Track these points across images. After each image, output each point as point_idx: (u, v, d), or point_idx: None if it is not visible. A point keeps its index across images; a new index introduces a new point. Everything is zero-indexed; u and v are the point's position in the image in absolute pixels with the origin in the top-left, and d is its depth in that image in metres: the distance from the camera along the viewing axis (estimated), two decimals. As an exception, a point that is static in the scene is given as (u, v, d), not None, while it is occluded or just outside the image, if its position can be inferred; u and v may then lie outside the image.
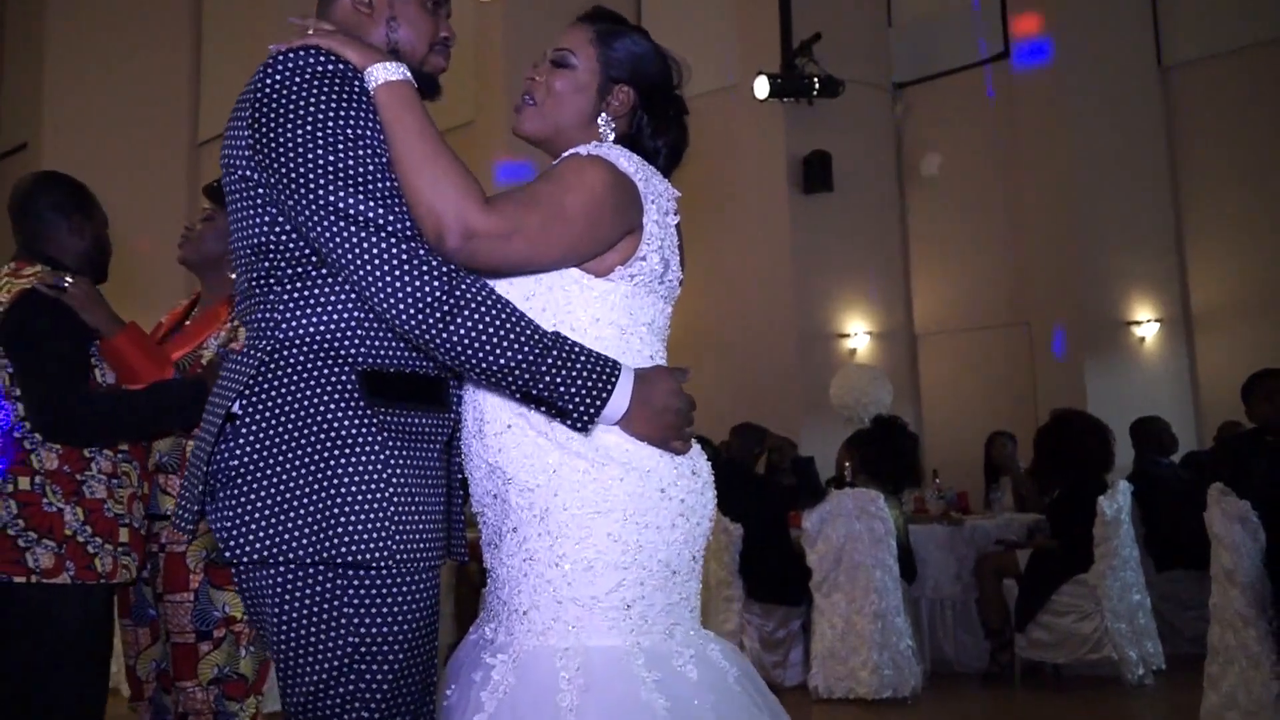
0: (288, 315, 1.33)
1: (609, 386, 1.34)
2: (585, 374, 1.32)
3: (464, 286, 1.27)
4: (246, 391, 1.31)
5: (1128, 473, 5.48)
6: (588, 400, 1.33)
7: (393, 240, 1.26)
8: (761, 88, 7.57)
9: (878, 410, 6.01)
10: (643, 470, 1.40)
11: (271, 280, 1.35)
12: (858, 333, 8.30)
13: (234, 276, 2.36)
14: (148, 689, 2.32)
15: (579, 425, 1.35)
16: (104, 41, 9.24)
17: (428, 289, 1.25)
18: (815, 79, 7.70)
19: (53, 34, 9.51)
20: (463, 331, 1.26)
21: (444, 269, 1.27)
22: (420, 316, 1.25)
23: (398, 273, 1.25)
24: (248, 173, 1.33)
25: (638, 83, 1.55)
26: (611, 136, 1.53)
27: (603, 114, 1.53)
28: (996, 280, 8.18)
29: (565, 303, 1.42)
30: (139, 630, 2.32)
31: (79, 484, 2.11)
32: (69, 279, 2.14)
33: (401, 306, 1.26)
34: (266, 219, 1.33)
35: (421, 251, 1.27)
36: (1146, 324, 7.82)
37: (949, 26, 8.68)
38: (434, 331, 1.26)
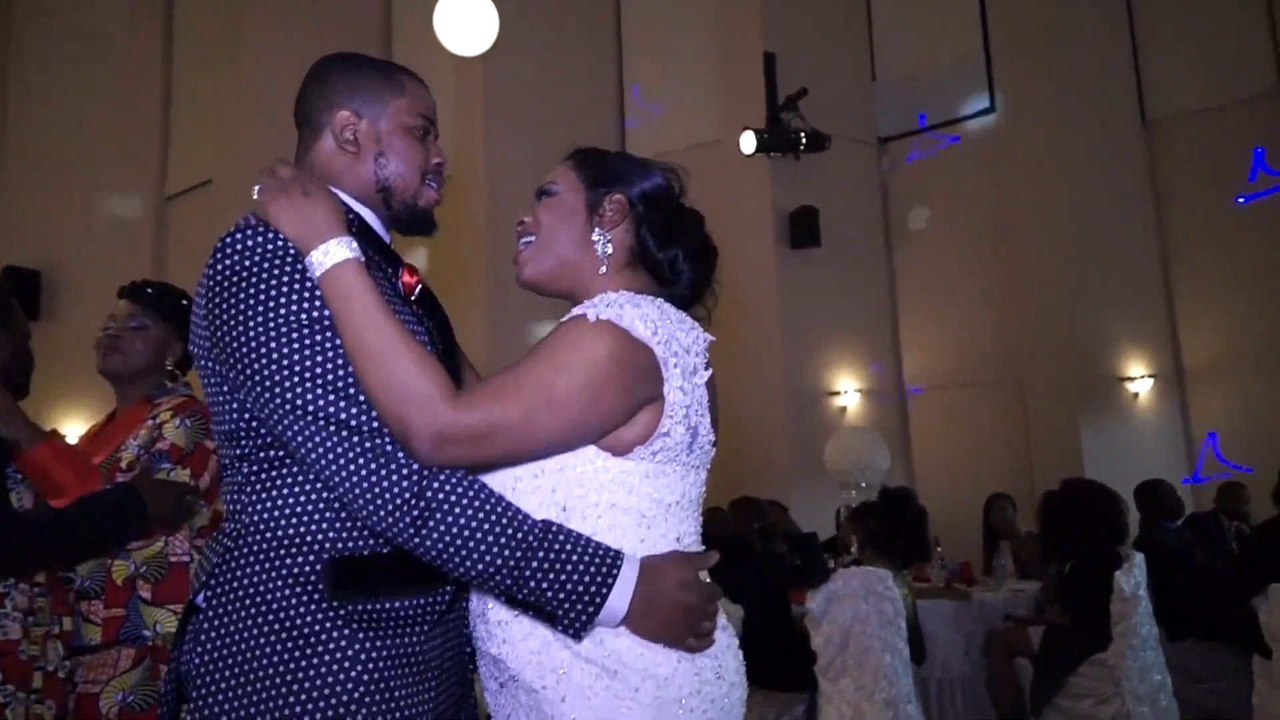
0: (255, 500, 1.26)
1: (605, 587, 1.18)
2: (578, 574, 1.17)
3: (436, 485, 1.16)
4: (211, 581, 1.25)
5: (1133, 538, 5.31)
6: (579, 605, 1.17)
7: (357, 438, 1.17)
8: (748, 143, 7.47)
9: (874, 475, 5.82)
10: (659, 679, 1.23)
11: (243, 464, 1.28)
12: (848, 390, 8.14)
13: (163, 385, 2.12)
14: None
15: (571, 632, 1.19)
16: (69, 90, 9.02)
17: (396, 489, 1.15)
18: (802, 134, 7.63)
19: (16, 82, 9.30)
20: (435, 536, 1.15)
21: (414, 467, 1.17)
22: (391, 519, 1.16)
23: (364, 473, 1.16)
24: (210, 363, 1.27)
25: (627, 188, 1.40)
26: (609, 251, 1.36)
27: (596, 229, 1.37)
28: (987, 336, 8.07)
29: (577, 484, 1.25)
30: None
31: None
32: None
33: (371, 508, 1.17)
34: (235, 405, 1.27)
35: (389, 448, 1.17)
36: (1140, 380, 7.74)
37: (934, 80, 8.66)
38: (406, 535, 1.16)
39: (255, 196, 1.28)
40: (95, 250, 8.37)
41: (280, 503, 1.24)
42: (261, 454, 1.26)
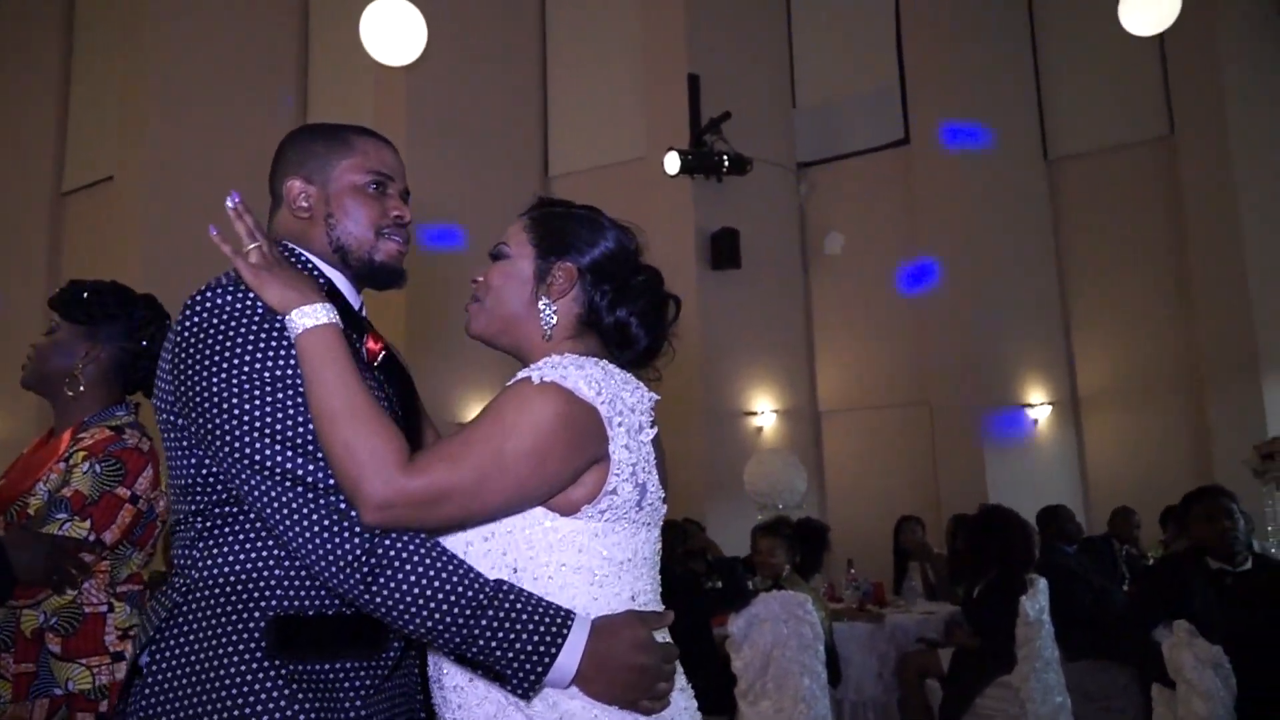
0: (205, 555, 1.27)
1: (554, 646, 1.19)
2: (527, 633, 1.18)
3: (388, 543, 1.18)
4: (157, 637, 1.25)
5: (1036, 561, 5.52)
6: (528, 665, 1.18)
7: (311, 494, 1.19)
8: (672, 163, 7.53)
9: (792, 497, 5.91)
10: None
11: (196, 519, 1.29)
12: (764, 410, 8.26)
13: (80, 392, 1.98)
14: None
15: (519, 692, 1.20)
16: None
17: (347, 547, 1.18)
18: (724, 156, 7.73)
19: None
20: (385, 592, 1.17)
21: (362, 527, 1.19)
22: (343, 575, 1.18)
23: (316, 529, 1.19)
24: (172, 417, 1.29)
25: (578, 256, 1.39)
26: (553, 321, 1.37)
27: (543, 299, 1.37)
28: (897, 360, 8.31)
29: (527, 546, 1.26)
30: None
31: None
32: None
33: (324, 564, 1.19)
34: (193, 460, 1.28)
35: (342, 506, 1.20)
36: (1039, 406, 8.06)
37: (851, 110, 8.90)
38: (357, 591, 1.18)
39: (216, 239, 1.30)
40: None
41: (231, 558, 1.25)
42: (215, 509, 1.27)
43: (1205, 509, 3.80)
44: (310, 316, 1.25)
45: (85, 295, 2.04)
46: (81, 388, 2.02)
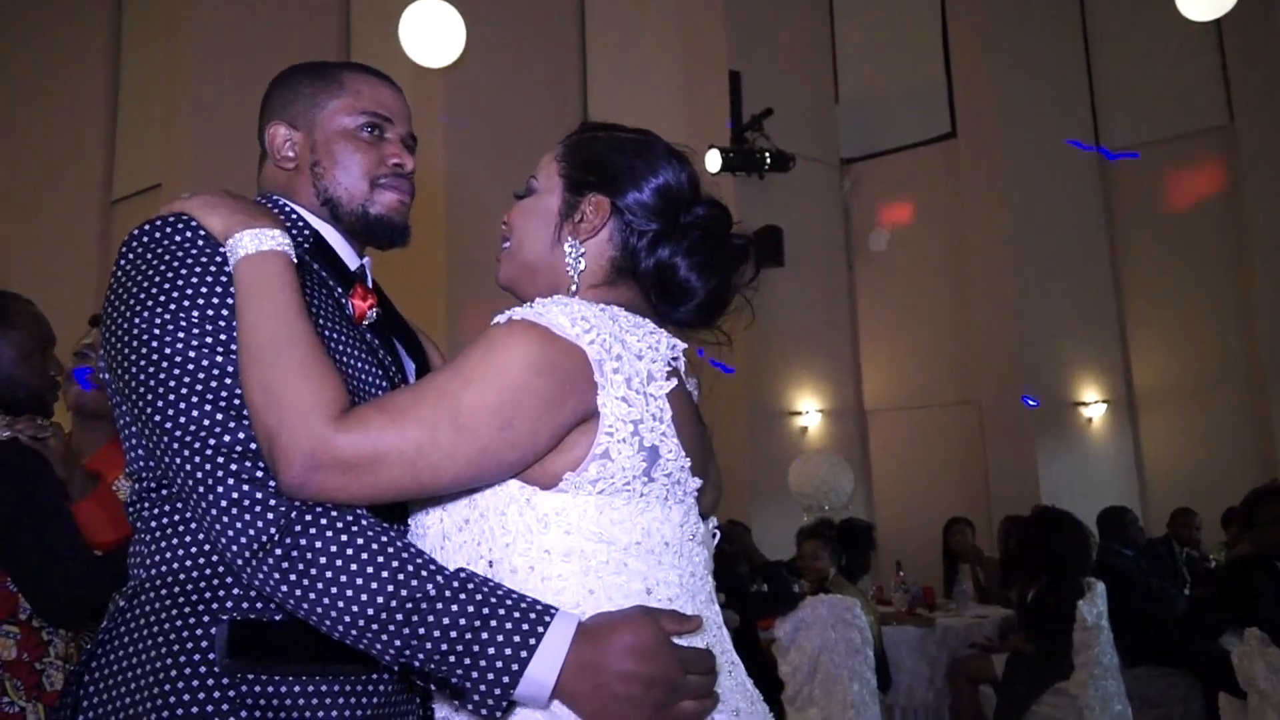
0: (153, 550, 1.06)
1: (524, 650, 0.92)
2: (488, 634, 0.92)
3: (309, 519, 0.95)
4: (98, 651, 1.05)
5: (1093, 564, 5.36)
6: (490, 676, 0.91)
7: (222, 457, 0.97)
8: (713, 161, 7.46)
9: (838, 499, 5.80)
10: None
11: (144, 505, 1.08)
12: (809, 410, 8.14)
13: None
14: None
15: (484, 710, 0.93)
16: (15, 92, 8.72)
17: (260, 524, 0.95)
18: (766, 153, 7.63)
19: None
20: (304, 583, 0.93)
21: (280, 501, 0.96)
22: (253, 559, 0.95)
23: (225, 502, 0.96)
24: (107, 375, 1.07)
25: (613, 187, 1.14)
26: (580, 266, 1.13)
27: (568, 240, 1.13)
28: (946, 358, 8.15)
29: (502, 532, 1.01)
30: None
31: (39, 674, 1.75)
32: (48, 426, 1.80)
33: (234, 548, 0.96)
34: (133, 433, 1.08)
35: (259, 474, 0.97)
36: (1093, 405, 7.85)
37: (895, 104, 8.75)
38: (272, 582, 0.94)
39: (185, 195, 1.13)
40: (40, 254, 8.09)
41: (181, 551, 1.04)
42: (162, 490, 1.06)
43: (1275, 511, 3.64)
44: (252, 241, 1.03)
45: None
46: None
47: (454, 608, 0.92)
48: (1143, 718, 5.08)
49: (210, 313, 1.01)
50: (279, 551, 0.94)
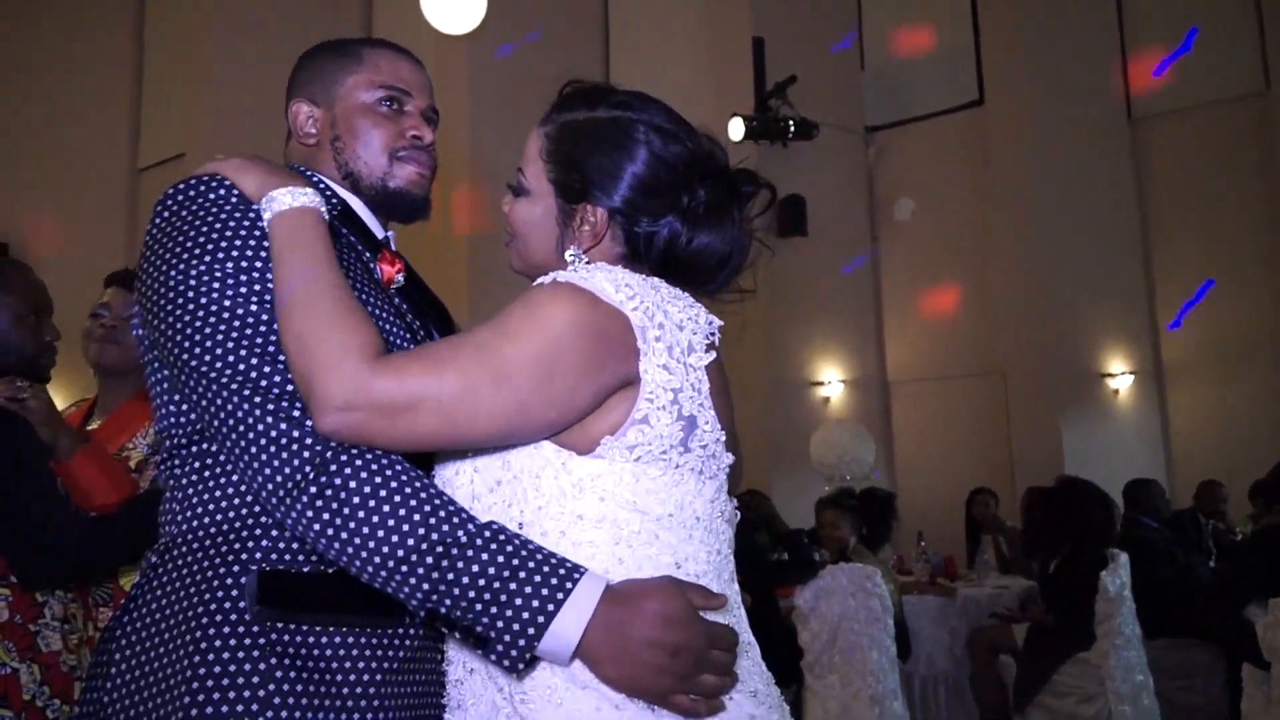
0: (184, 505, 1.08)
1: (551, 603, 0.92)
2: (516, 584, 0.92)
3: (343, 459, 0.96)
4: (129, 606, 1.08)
5: (1117, 535, 5.33)
6: (516, 627, 0.91)
7: (259, 398, 0.99)
8: (736, 129, 7.39)
9: (860, 469, 5.79)
10: None
11: (173, 462, 1.11)
12: (831, 380, 8.12)
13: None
14: None
15: (506, 664, 0.94)
16: (41, 62, 8.76)
17: (295, 463, 0.96)
18: (790, 121, 7.55)
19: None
20: (335, 523, 0.94)
21: (316, 440, 0.98)
22: (287, 498, 0.96)
23: (262, 441, 0.98)
24: (142, 332, 1.12)
25: (604, 195, 1.11)
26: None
27: (570, 249, 1.12)
28: (970, 329, 8.08)
29: (535, 493, 1.01)
30: None
31: (33, 636, 1.77)
32: (28, 388, 1.82)
33: (270, 486, 0.98)
34: (165, 386, 1.11)
35: (295, 414, 0.99)
36: (1120, 376, 7.77)
37: (922, 71, 8.62)
38: (305, 522, 0.96)
39: (219, 156, 1.16)
40: (67, 223, 8.16)
41: (212, 505, 1.06)
42: (193, 447, 1.09)
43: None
44: (284, 200, 1.07)
45: None
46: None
47: (484, 556, 0.92)
48: (1165, 689, 5.05)
49: (244, 264, 1.04)
50: (313, 490, 0.95)
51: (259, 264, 1.04)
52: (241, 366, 1.00)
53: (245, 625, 1.00)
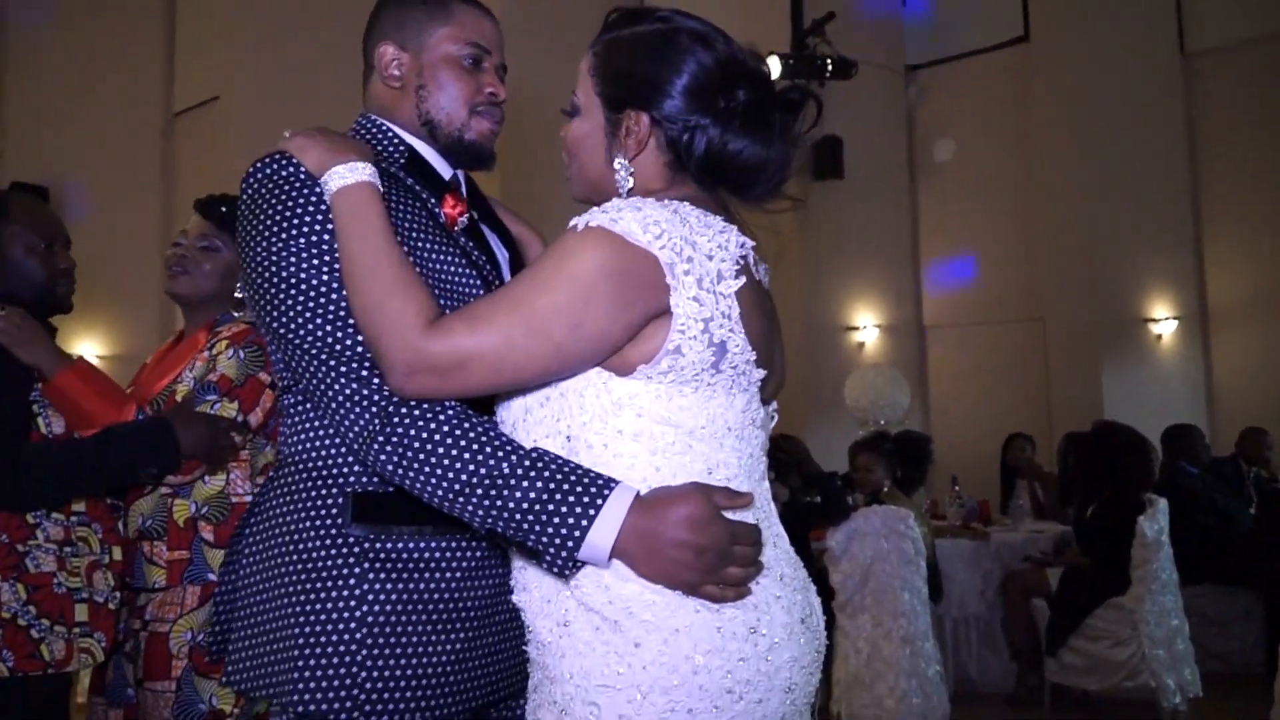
0: (292, 432, 1.27)
1: (585, 519, 1.05)
2: (554, 504, 1.06)
3: (404, 411, 1.11)
4: (254, 510, 1.29)
5: (1155, 480, 5.27)
6: (558, 540, 1.06)
7: (335, 362, 1.16)
8: (773, 68, 7.22)
9: (894, 413, 5.75)
10: (667, 632, 1.06)
11: (286, 397, 1.29)
12: (866, 325, 8.04)
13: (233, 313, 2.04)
14: None
15: (555, 570, 1.09)
16: (69, 10, 8.76)
17: (366, 417, 1.13)
18: (828, 60, 7.38)
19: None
20: (405, 464, 1.11)
21: (384, 392, 1.14)
22: (366, 444, 1.13)
23: (341, 398, 1.15)
24: (246, 293, 1.27)
25: (648, 101, 1.18)
26: (629, 184, 1.19)
27: (617, 158, 1.20)
28: (1010, 273, 7.94)
29: (580, 410, 1.12)
30: (110, 712, 2.00)
31: (20, 556, 1.80)
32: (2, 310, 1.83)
33: (350, 435, 1.15)
34: (269, 338, 1.26)
35: (364, 373, 1.14)
36: (1163, 321, 7.61)
37: (964, 6, 8.37)
38: (379, 462, 1.13)
39: (286, 134, 1.26)
40: (103, 166, 8.21)
41: (311, 435, 1.23)
42: (296, 388, 1.25)
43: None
44: (341, 177, 1.18)
45: None
46: (230, 306, 2.12)
47: (525, 484, 1.06)
48: (1202, 634, 5.03)
49: (314, 238, 1.17)
50: (381, 439, 1.11)
51: (327, 236, 1.17)
52: (319, 333, 1.15)
53: (342, 536, 1.18)
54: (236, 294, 2.11)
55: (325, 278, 1.16)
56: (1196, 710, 4.40)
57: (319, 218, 1.18)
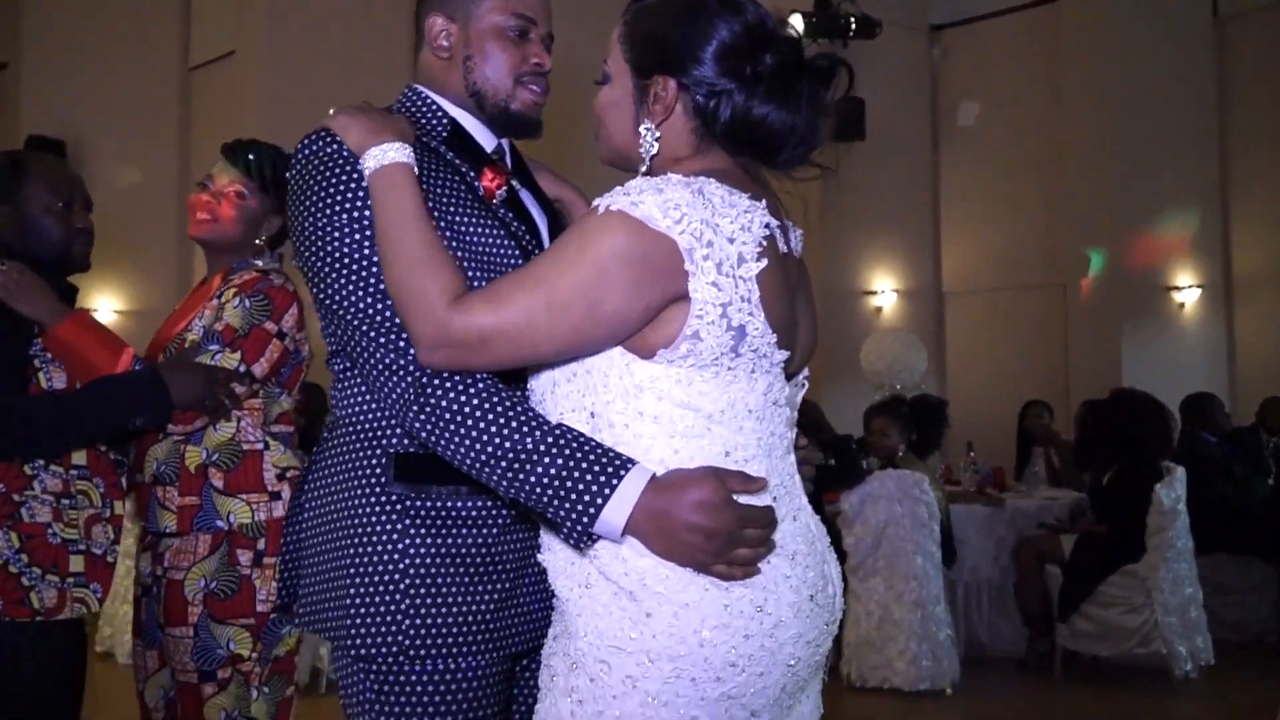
0: (341, 395, 1.33)
1: (600, 498, 1.10)
2: (573, 480, 1.11)
3: (435, 383, 1.17)
4: (314, 465, 1.36)
5: (1174, 449, 5.23)
6: (574, 514, 1.11)
7: (374, 333, 1.21)
8: (796, 26, 7.11)
9: (911, 378, 5.72)
10: (678, 605, 1.10)
11: (334, 361, 1.34)
12: (884, 290, 7.98)
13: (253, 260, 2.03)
14: (156, 717, 2.06)
15: (570, 541, 1.14)
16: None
17: (401, 387, 1.19)
18: (851, 19, 7.25)
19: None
20: (436, 434, 1.17)
21: (416, 367, 1.19)
22: (401, 412, 1.20)
23: (380, 368, 1.21)
24: (297, 262, 1.34)
25: (676, 66, 1.19)
26: (654, 150, 1.21)
27: (643, 123, 1.22)
28: (1032, 238, 7.84)
29: (604, 389, 1.15)
30: (148, 653, 2.05)
31: (16, 506, 1.82)
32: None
33: (388, 401, 1.22)
34: (318, 304, 1.32)
35: (401, 344, 1.20)
36: (1187, 290, 7.52)
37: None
38: (415, 427, 1.19)
39: (331, 111, 1.30)
40: (119, 120, 8.18)
41: (357, 398, 1.30)
42: (343, 350, 1.31)
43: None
44: (377, 156, 1.22)
45: (285, 169, 2.10)
46: (252, 254, 2.10)
47: (547, 459, 1.11)
48: (1216, 603, 5.02)
49: (355, 214, 1.22)
50: (415, 407, 1.17)
51: (368, 213, 1.22)
52: (360, 305, 1.20)
53: (386, 495, 1.25)
54: (258, 241, 2.11)
55: (366, 252, 1.21)
56: (1207, 678, 4.41)
57: (360, 194, 1.22)
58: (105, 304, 7.66)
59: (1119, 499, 4.51)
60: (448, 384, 1.15)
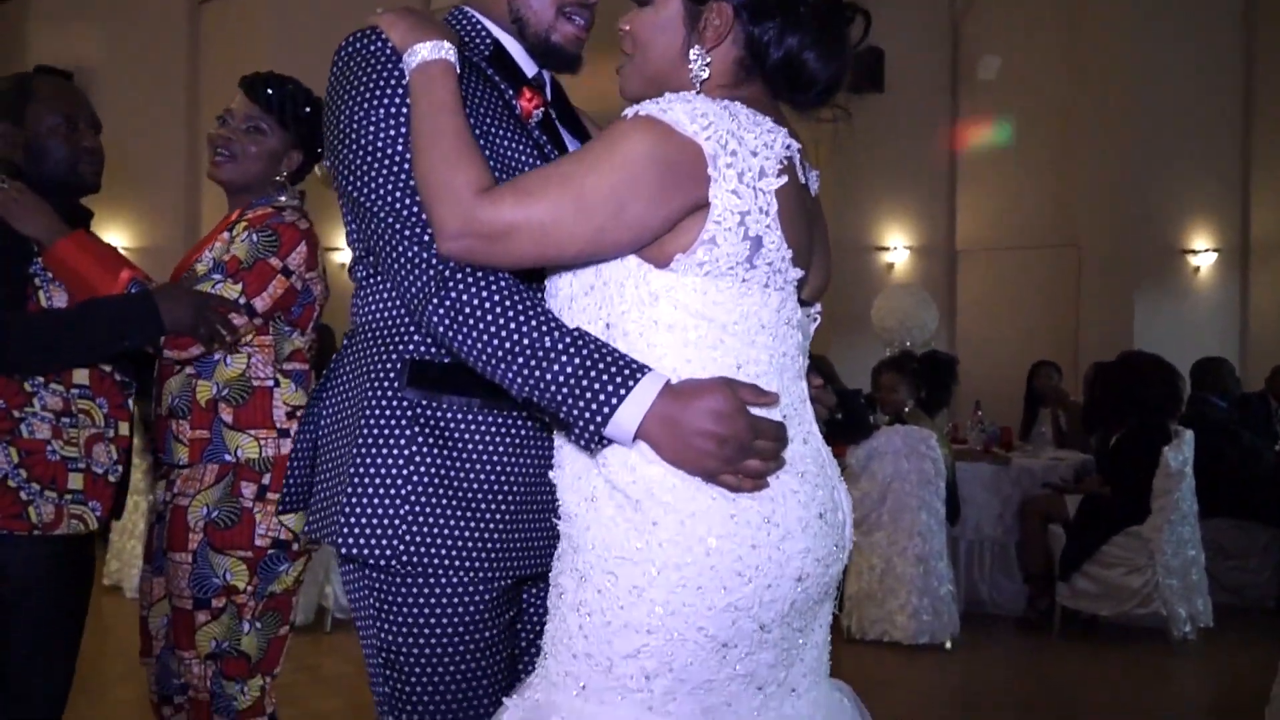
0: (361, 301, 1.33)
1: (615, 398, 1.10)
2: (589, 380, 1.11)
3: (459, 277, 1.16)
4: (331, 370, 1.37)
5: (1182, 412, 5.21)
6: (587, 414, 1.11)
7: (399, 225, 1.20)
8: (816, -27, 6.96)
9: (921, 335, 5.69)
10: (684, 514, 1.11)
11: (358, 268, 1.34)
12: (897, 246, 7.90)
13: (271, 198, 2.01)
14: (157, 645, 2.09)
15: (581, 442, 1.14)
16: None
17: (422, 280, 1.18)
18: (874, -34, 7.09)
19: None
20: (455, 330, 1.16)
21: (440, 261, 1.18)
22: (422, 306, 1.19)
23: (402, 260, 1.20)
24: (328, 163, 1.32)
25: None
26: (705, 75, 1.21)
27: (694, 49, 1.21)
28: (1047, 198, 7.75)
29: (619, 299, 1.16)
30: (155, 580, 2.08)
31: (16, 422, 1.83)
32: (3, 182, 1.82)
33: (409, 295, 1.21)
34: (347, 207, 1.30)
35: (425, 238, 1.19)
36: (1203, 253, 7.44)
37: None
38: (433, 322, 1.18)
39: (378, 10, 1.29)
40: (129, 51, 8.09)
41: (376, 304, 1.30)
42: (367, 258, 1.31)
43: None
44: (420, 53, 1.21)
45: (305, 105, 2.07)
46: (273, 189, 2.09)
47: (564, 358, 1.11)
48: (1217, 567, 5.04)
49: (393, 109, 1.22)
50: (435, 301, 1.16)
51: (405, 109, 1.21)
52: (388, 198, 1.20)
53: (397, 400, 1.24)
54: (278, 178, 2.08)
55: (400, 147, 1.20)
56: (1205, 640, 4.44)
57: (400, 90, 1.22)
58: (114, 240, 7.60)
59: (1127, 460, 4.50)
60: (470, 279, 1.15)
